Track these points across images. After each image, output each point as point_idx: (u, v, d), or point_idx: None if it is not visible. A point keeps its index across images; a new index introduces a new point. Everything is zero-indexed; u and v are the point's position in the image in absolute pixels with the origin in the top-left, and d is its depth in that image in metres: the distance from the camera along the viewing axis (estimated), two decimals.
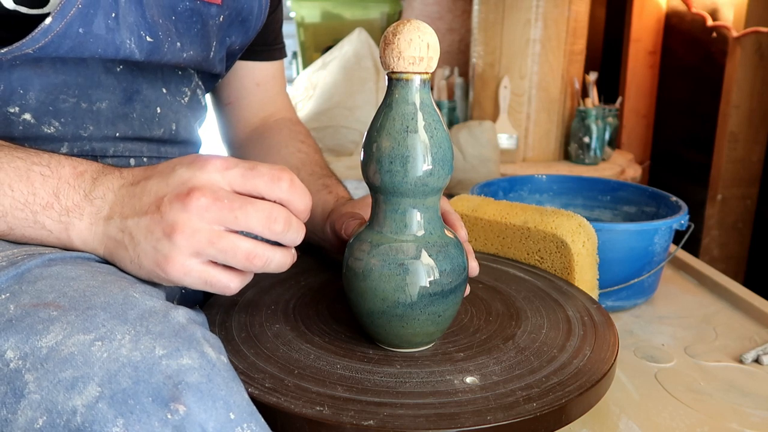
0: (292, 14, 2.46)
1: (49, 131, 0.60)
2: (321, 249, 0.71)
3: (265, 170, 0.45)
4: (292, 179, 0.46)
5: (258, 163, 0.45)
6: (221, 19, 0.67)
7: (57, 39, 0.52)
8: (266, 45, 0.81)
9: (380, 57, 0.47)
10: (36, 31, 0.50)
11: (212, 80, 0.78)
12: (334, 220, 0.63)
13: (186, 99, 0.72)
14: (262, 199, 0.46)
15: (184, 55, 0.64)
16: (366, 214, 0.59)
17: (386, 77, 0.48)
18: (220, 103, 0.85)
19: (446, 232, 0.51)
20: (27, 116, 0.59)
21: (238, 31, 0.71)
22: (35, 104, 0.59)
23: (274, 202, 0.46)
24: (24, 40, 0.51)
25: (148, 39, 0.59)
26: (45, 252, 0.48)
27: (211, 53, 0.68)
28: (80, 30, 0.53)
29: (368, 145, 0.48)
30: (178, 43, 0.63)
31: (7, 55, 0.52)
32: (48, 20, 0.51)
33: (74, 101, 0.61)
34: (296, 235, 0.48)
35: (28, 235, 0.47)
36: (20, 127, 0.59)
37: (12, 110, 0.58)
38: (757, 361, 0.69)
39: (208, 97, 0.83)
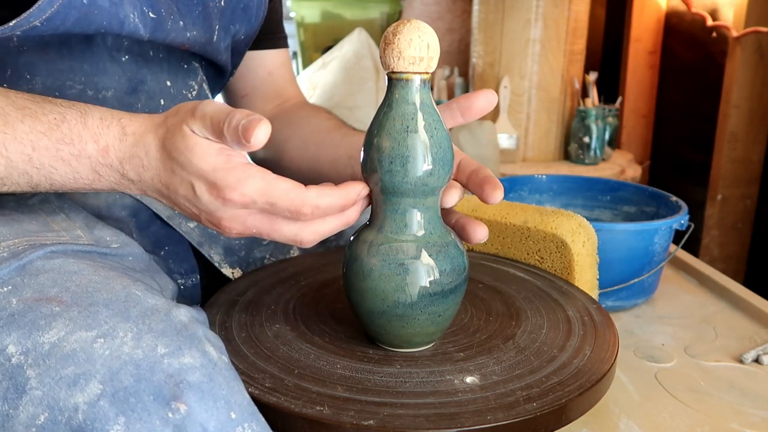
0: (292, 14, 2.46)
1: None
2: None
3: (283, 207, 0.45)
4: (312, 210, 0.45)
5: (275, 198, 0.44)
6: (222, 3, 0.67)
7: (63, 9, 0.52)
8: (270, 33, 0.82)
9: (380, 57, 0.47)
10: (42, 0, 0.51)
11: (218, 77, 0.78)
12: None
13: (192, 94, 0.72)
14: None
15: (188, 34, 0.64)
16: None
17: (386, 77, 0.48)
18: (234, 97, 0.85)
19: (446, 232, 0.51)
20: None
21: (242, 19, 0.71)
22: (41, 89, 0.59)
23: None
24: (31, 11, 0.51)
25: (151, 15, 0.59)
26: (47, 243, 0.48)
27: (214, 37, 0.68)
28: (84, 0, 0.53)
29: (368, 145, 0.48)
30: (181, 22, 0.63)
31: (16, 29, 0.52)
32: None
33: (80, 88, 0.61)
34: (333, 230, 0.48)
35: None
36: None
37: None
38: (757, 361, 0.69)
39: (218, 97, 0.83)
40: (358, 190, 0.47)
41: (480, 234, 0.53)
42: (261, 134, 0.42)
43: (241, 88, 0.84)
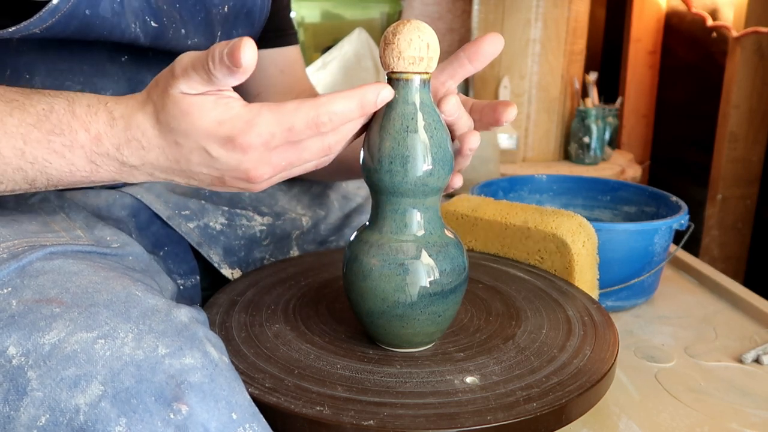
0: (292, 14, 2.46)
1: None
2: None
3: (302, 126, 0.42)
4: (330, 117, 0.42)
5: (291, 120, 0.42)
6: (226, 9, 0.67)
7: (64, 19, 0.52)
8: (280, 31, 0.81)
9: (380, 57, 0.47)
10: (43, 10, 0.51)
11: None
12: None
13: None
14: None
15: (189, 42, 0.64)
16: None
17: (386, 77, 0.48)
18: (246, 97, 0.84)
19: (446, 232, 0.51)
20: None
21: (244, 23, 0.71)
22: (41, 89, 0.59)
23: None
24: (32, 19, 0.51)
25: (153, 24, 0.59)
26: (46, 244, 0.48)
27: (216, 42, 0.68)
28: (87, 11, 0.53)
29: (368, 145, 0.48)
30: (183, 30, 0.63)
31: (15, 34, 0.52)
32: (54, 0, 0.51)
33: (79, 88, 0.61)
34: (354, 130, 0.47)
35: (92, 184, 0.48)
36: None
37: None
38: (757, 361, 0.69)
39: None
40: (377, 89, 0.44)
41: (509, 114, 0.53)
42: (248, 52, 0.39)
43: (253, 87, 0.83)
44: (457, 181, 0.55)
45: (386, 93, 0.45)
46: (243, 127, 0.42)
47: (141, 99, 0.45)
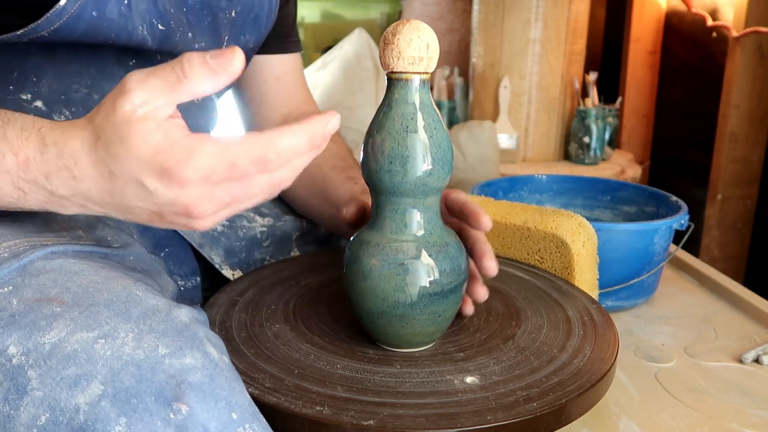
0: None
1: (59, 120, 0.60)
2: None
3: (246, 162, 0.39)
4: (278, 154, 0.40)
5: (234, 156, 0.39)
6: (233, 14, 0.67)
7: (71, 21, 0.52)
8: (281, 37, 0.80)
9: (380, 57, 0.47)
10: (50, 12, 0.51)
11: None
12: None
13: (198, 98, 0.72)
14: None
15: (196, 45, 0.64)
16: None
17: (386, 77, 0.48)
18: (244, 104, 0.84)
19: (446, 232, 0.51)
20: (38, 103, 0.59)
21: (252, 28, 0.70)
22: (47, 92, 0.59)
23: None
24: (39, 21, 0.51)
25: (160, 27, 0.59)
26: (48, 243, 0.48)
27: (223, 47, 0.68)
28: (94, 13, 0.53)
29: (368, 145, 0.49)
30: (190, 34, 0.63)
31: (23, 37, 0.52)
32: (62, 2, 0.51)
33: (86, 91, 0.61)
34: (308, 161, 0.43)
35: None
36: (31, 114, 0.59)
37: (24, 97, 0.59)
38: (757, 361, 0.69)
39: (229, 100, 0.82)
40: (324, 120, 0.41)
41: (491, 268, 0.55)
42: (239, 58, 0.38)
43: (249, 94, 0.82)
44: (483, 293, 0.57)
45: (334, 122, 0.42)
46: (180, 158, 0.39)
47: (80, 125, 0.42)
